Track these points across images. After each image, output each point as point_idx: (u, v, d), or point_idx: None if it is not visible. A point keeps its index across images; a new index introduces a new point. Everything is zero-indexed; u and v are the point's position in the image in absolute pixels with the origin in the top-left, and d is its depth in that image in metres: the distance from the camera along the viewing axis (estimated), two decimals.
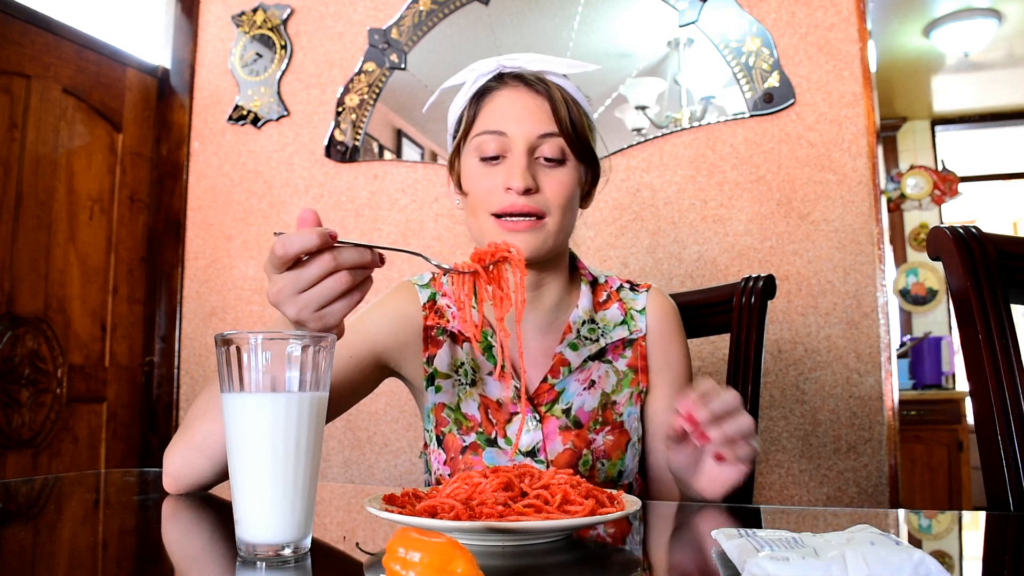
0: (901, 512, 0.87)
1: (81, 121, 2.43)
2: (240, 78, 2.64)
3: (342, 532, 0.73)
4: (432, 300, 1.08)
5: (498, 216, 0.98)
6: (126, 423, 2.54)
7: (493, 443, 1.02)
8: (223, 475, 0.89)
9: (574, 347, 1.05)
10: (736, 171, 2.16)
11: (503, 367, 1.03)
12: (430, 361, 1.05)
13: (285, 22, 2.61)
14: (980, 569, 0.62)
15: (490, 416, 1.03)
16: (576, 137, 0.99)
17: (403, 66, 2.47)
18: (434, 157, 2.48)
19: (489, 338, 1.05)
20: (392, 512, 0.62)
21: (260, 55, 2.63)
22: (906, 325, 5.00)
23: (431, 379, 1.05)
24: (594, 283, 1.11)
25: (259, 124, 2.61)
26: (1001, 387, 0.88)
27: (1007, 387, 0.88)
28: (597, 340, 1.06)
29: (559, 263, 1.06)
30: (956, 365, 4.45)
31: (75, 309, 2.39)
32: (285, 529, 0.58)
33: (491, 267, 0.83)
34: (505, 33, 2.39)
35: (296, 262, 0.70)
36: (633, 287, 1.12)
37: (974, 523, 0.82)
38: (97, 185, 2.48)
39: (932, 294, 4.93)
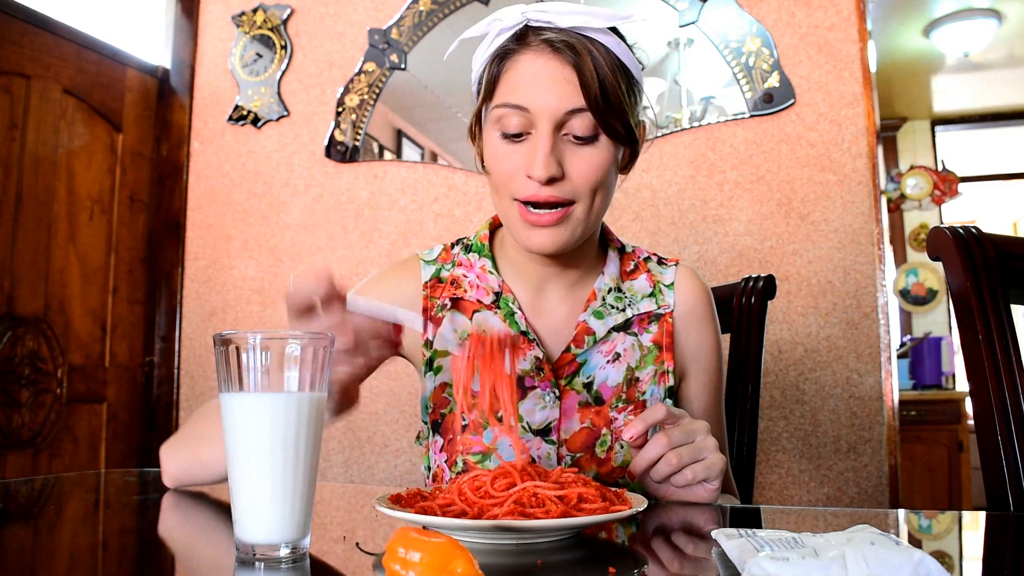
0: (901, 512, 0.87)
1: (81, 121, 2.43)
2: (240, 78, 2.64)
3: (342, 532, 0.73)
4: (436, 277, 1.02)
5: (522, 202, 0.90)
6: (126, 423, 2.54)
7: (498, 421, 0.94)
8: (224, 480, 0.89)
9: (599, 315, 0.98)
10: (736, 171, 2.16)
11: (525, 333, 0.96)
12: (429, 344, 0.99)
13: (285, 22, 2.61)
14: (980, 569, 0.62)
15: (498, 392, 0.97)
16: (608, 111, 0.87)
17: (403, 66, 2.47)
18: (434, 157, 2.48)
19: (510, 304, 0.98)
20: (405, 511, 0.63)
21: (260, 55, 2.63)
22: (906, 325, 5.00)
23: (430, 362, 0.99)
24: (621, 251, 1.05)
25: (259, 124, 2.61)
26: (1001, 387, 0.88)
27: (1007, 387, 0.88)
28: (623, 310, 1.00)
29: (589, 236, 0.99)
30: (956, 365, 4.44)
31: (75, 309, 2.39)
32: (283, 529, 0.58)
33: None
34: None
35: (311, 312, 0.74)
36: (661, 260, 1.06)
37: (974, 523, 0.82)
38: (97, 185, 2.48)
39: (932, 294, 4.93)
